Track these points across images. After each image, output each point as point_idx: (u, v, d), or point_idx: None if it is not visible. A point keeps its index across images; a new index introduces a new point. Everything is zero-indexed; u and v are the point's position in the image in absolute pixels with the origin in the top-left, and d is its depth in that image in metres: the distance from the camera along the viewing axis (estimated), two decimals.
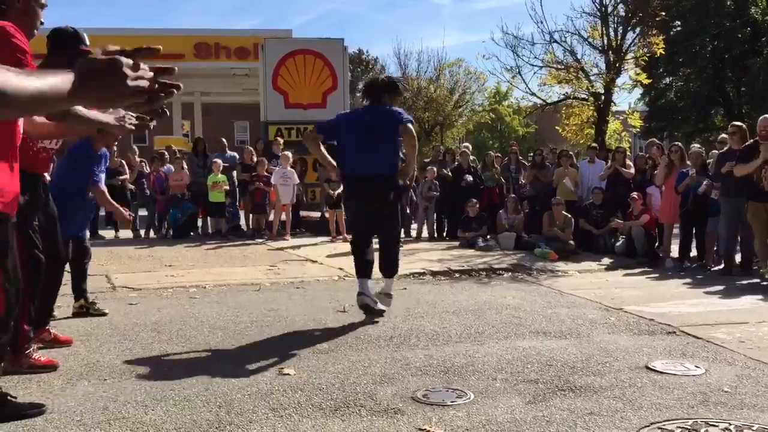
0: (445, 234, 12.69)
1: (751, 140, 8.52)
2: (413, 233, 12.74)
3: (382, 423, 3.25)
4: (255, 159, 12.83)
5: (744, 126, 9.08)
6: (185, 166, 12.69)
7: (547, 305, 6.39)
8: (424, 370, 4.14)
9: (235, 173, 13.17)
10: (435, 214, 12.74)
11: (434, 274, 8.58)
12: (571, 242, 10.43)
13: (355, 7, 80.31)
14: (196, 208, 12.58)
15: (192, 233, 12.53)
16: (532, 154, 14.04)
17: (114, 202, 6.34)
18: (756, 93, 29.92)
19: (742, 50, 32.41)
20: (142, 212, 13.35)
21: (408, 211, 13.27)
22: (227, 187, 12.23)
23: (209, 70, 19.71)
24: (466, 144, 15.97)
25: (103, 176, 5.82)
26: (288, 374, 4.04)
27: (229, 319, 5.72)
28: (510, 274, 8.72)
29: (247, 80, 20.16)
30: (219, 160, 12.43)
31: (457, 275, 8.48)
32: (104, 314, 5.79)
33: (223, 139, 14.11)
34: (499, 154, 15.38)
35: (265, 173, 12.36)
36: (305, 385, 3.83)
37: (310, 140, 5.96)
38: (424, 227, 12.78)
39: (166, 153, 13.65)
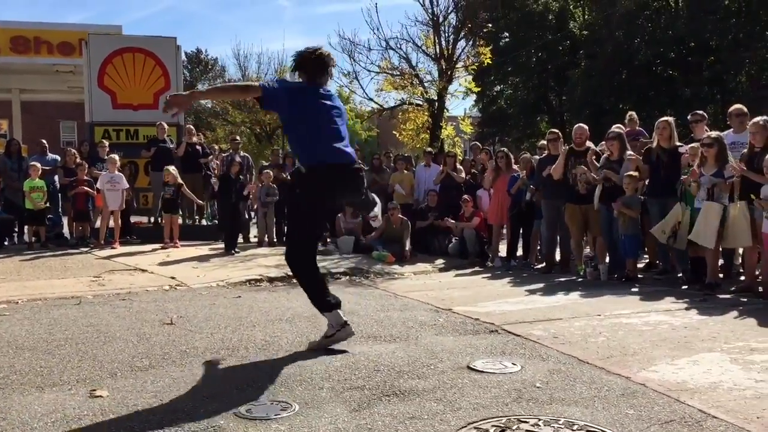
0: (285, 239, 12.52)
1: (566, 146, 9.15)
2: (253, 239, 12.51)
3: None
4: (78, 162, 12.01)
5: (560, 133, 9.75)
6: None
7: (380, 308, 6.46)
8: (251, 383, 4.01)
9: (56, 177, 12.26)
10: (275, 219, 12.56)
11: (271, 280, 8.45)
12: (408, 245, 10.65)
13: (193, 6, 78.03)
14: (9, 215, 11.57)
15: (6, 243, 11.49)
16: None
17: None
18: (575, 101, 32.36)
19: (562, 62, 34.99)
20: None
21: (246, 216, 13.03)
22: (44, 194, 11.29)
23: (28, 66, 18.16)
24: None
25: None
26: (100, 396, 3.76)
27: (41, 337, 5.26)
28: (347, 277, 8.77)
29: (73, 77, 18.81)
30: (37, 164, 11.49)
31: (294, 281, 8.33)
32: None
33: (44, 141, 13.09)
34: None
35: (86, 177, 11.60)
36: (119, 407, 3.58)
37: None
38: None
39: None
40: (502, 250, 10.23)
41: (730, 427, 3.24)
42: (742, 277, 7.62)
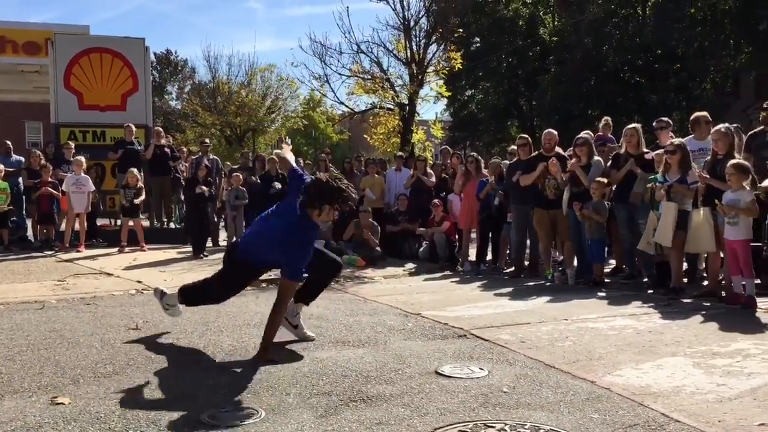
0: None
1: (536, 152, 9.23)
2: (222, 242, 12.39)
3: None
4: (42, 164, 11.81)
5: (529, 138, 9.83)
6: None
7: (350, 313, 6.44)
8: (216, 389, 3.97)
9: (20, 179, 12.04)
10: (244, 223, 12.46)
11: None
12: (378, 249, 10.67)
13: (163, 6, 77.38)
14: None
15: None
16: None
17: None
18: (544, 107, 32.67)
19: (533, 67, 35.32)
20: None
21: (216, 219, 12.92)
22: (7, 196, 11.08)
23: None
24: (277, 151, 15.85)
25: None
26: (62, 403, 3.69)
27: (1, 342, 5.15)
28: None
29: (38, 77, 18.52)
30: (0, 165, 11.26)
31: (263, 285, 8.30)
32: None
33: (8, 142, 12.83)
34: (309, 162, 15.45)
35: (51, 179, 11.42)
36: (81, 414, 3.52)
37: None
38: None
39: None
40: (472, 254, 10.27)
41: (692, 431, 3.28)
42: (705, 282, 7.74)
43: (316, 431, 3.29)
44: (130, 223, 11.44)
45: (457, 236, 10.86)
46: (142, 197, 11.59)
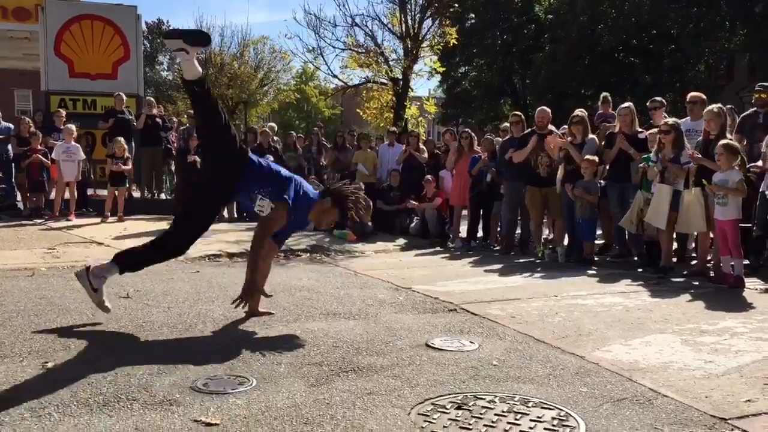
0: (245, 215, 12.42)
1: (529, 129, 9.22)
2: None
3: (155, 416, 3.07)
4: (32, 131, 11.70)
5: (522, 116, 9.81)
6: None
7: (340, 286, 6.46)
8: (208, 357, 3.98)
9: (9, 147, 11.92)
10: None
11: (231, 255, 8.35)
12: (369, 224, 10.67)
13: None
14: None
15: None
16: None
17: None
18: (538, 85, 32.56)
19: (527, 45, 35.14)
20: None
21: None
22: None
23: None
24: (271, 124, 15.77)
25: None
26: (53, 368, 3.69)
27: None
28: (308, 255, 8.72)
29: (28, 44, 18.27)
30: None
31: None
32: None
33: None
34: (302, 135, 15.38)
35: (40, 147, 11.32)
36: (72, 379, 3.52)
37: None
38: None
39: None
40: (463, 231, 10.28)
41: (680, 406, 3.32)
42: (695, 262, 7.79)
43: (308, 400, 3.31)
44: (116, 192, 11.38)
45: (448, 212, 10.87)
46: (129, 167, 11.51)
